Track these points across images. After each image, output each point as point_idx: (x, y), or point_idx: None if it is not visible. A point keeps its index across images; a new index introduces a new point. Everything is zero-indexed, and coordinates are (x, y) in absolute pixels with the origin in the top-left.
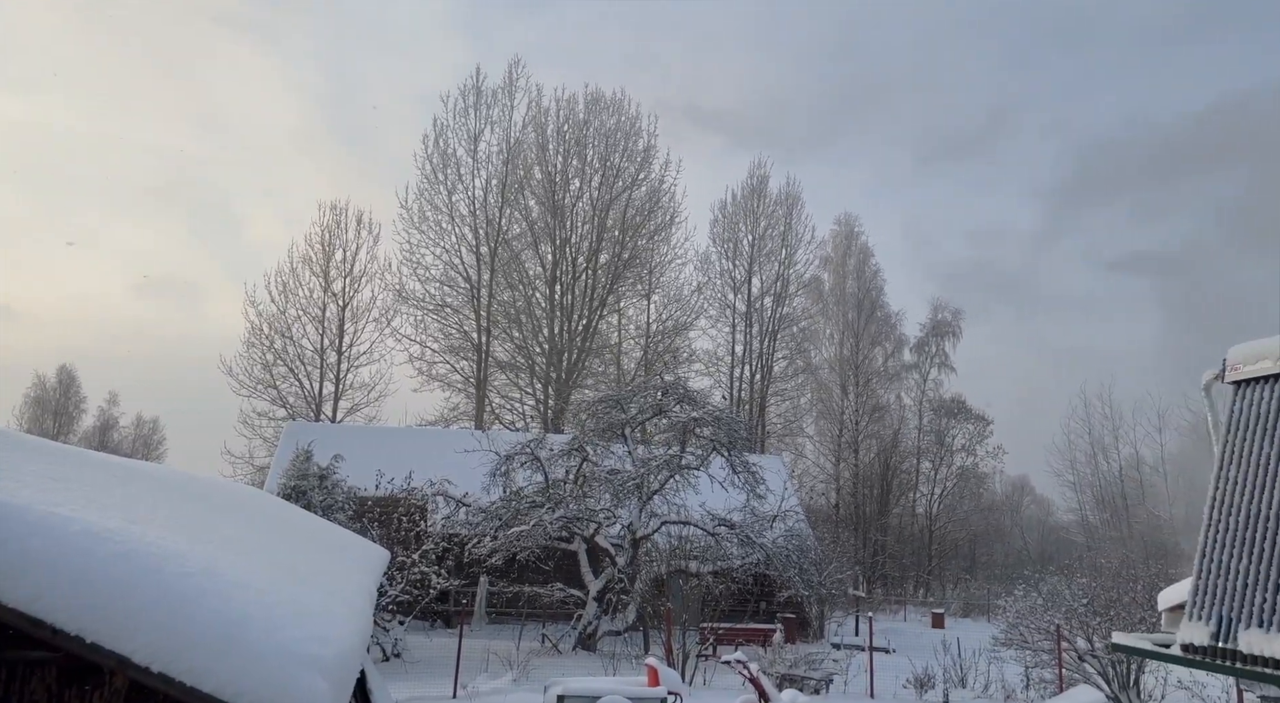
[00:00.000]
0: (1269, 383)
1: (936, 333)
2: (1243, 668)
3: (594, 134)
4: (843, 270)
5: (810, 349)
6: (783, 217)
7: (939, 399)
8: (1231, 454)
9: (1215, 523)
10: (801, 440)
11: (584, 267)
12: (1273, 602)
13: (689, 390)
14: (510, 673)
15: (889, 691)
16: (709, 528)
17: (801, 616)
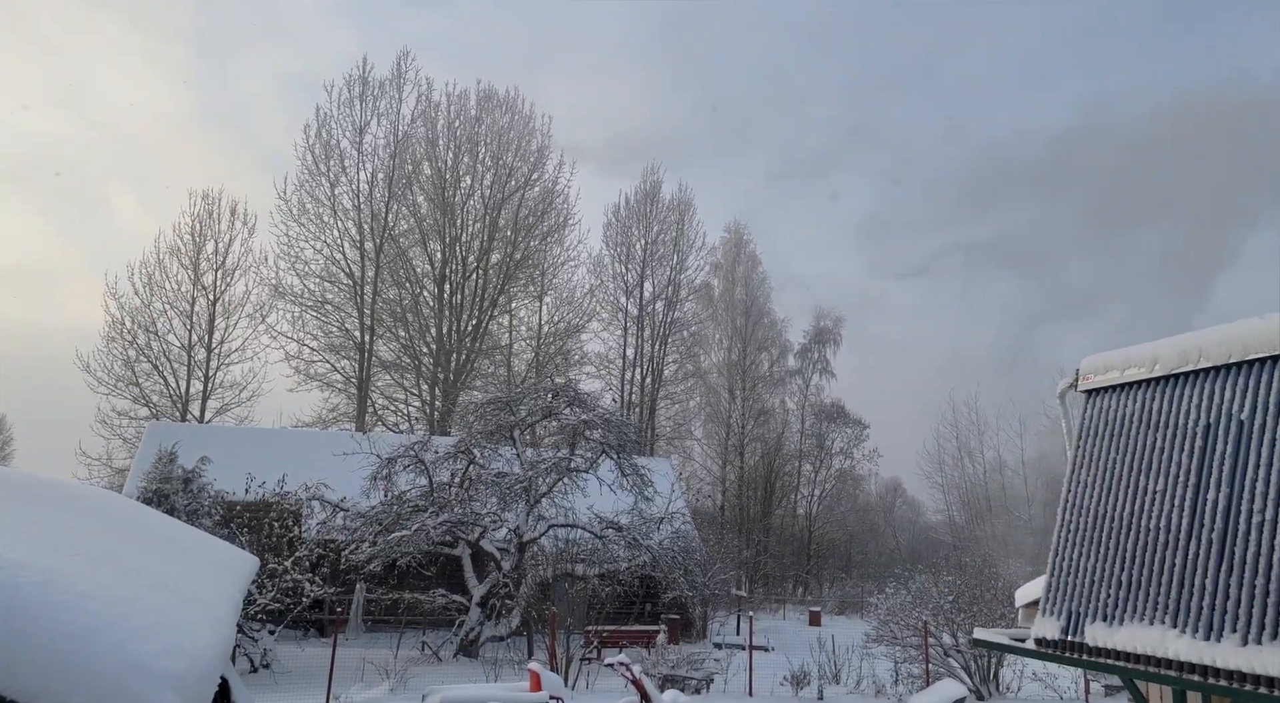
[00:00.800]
0: (1116, 392)
1: (819, 340)
2: (1088, 660)
3: (486, 132)
4: (732, 277)
5: (700, 354)
6: (675, 222)
7: (820, 404)
8: (1082, 458)
9: (1067, 524)
10: (690, 443)
11: (474, 266)
12: (1115, 597)
13: (580, 393)
14: (387, 682)
15: (767, 688)
16: (597, 531)
17: (685, 616)
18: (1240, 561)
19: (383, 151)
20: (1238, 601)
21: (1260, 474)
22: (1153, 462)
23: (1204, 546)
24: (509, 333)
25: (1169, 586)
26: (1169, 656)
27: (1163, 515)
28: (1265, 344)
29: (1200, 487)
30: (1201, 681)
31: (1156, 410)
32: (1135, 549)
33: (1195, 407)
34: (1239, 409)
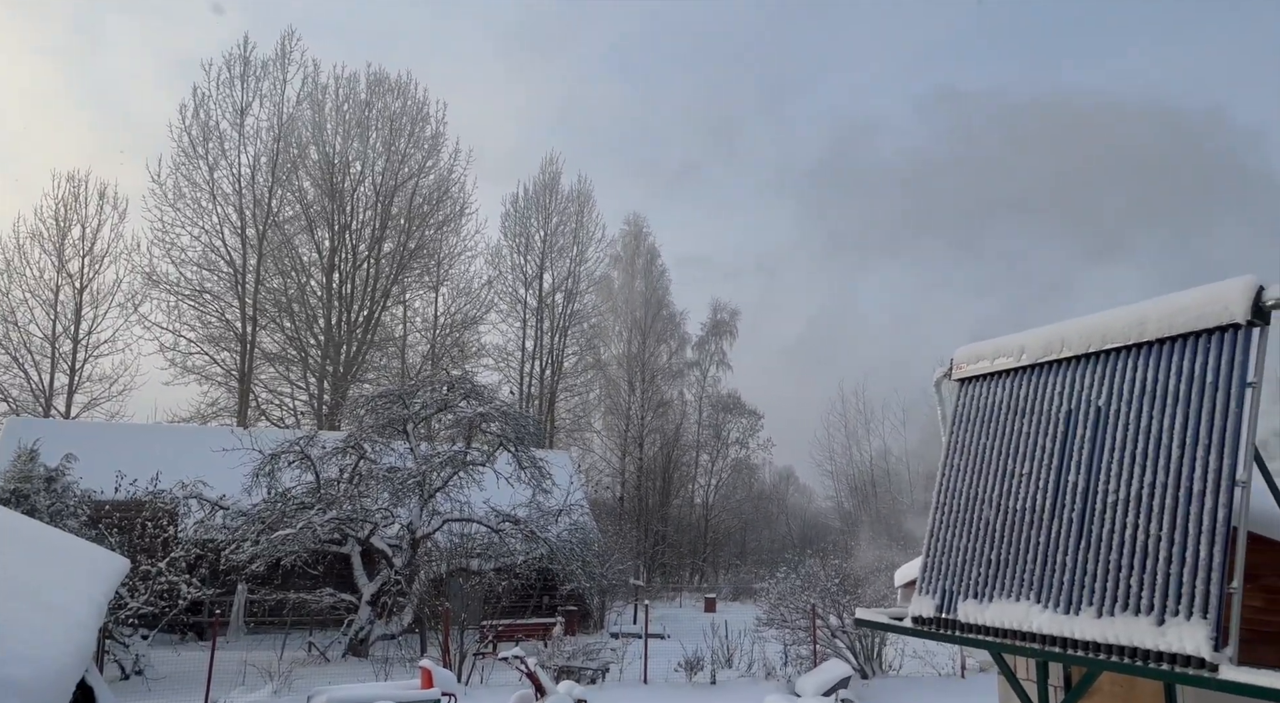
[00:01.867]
0: (986, 380)
1: (716, 332)
2: (961, 636)
3: (377, 116)
4: (632, 269)
5: (600, 346)
6: (574, 214)
7: (717, 395)
8: (955, 444)
9: (941, 506)
10: (590, 436)
11: (366, 255)
12: (985, 576)
13: (476, 385)
14: (270, 685)
15: (661, 675)
16: (493, 525)
17: (583, 608)
18: (1097, 538)
19: (266, 135)
20: (1094, 575)
21: (1115, 457)
22: (1019, 446)
23: (1065, 525)
24: (403, 325)
25: (1033, 563)
26: (1032, 629)
27: (1028, 497)
28: (1121, 335)
29: (1062, 469)
30: (1061, 652)
31: (1023, 398)
32: (1003, 529)
33: (1058, 394)
34: (1097, 396)
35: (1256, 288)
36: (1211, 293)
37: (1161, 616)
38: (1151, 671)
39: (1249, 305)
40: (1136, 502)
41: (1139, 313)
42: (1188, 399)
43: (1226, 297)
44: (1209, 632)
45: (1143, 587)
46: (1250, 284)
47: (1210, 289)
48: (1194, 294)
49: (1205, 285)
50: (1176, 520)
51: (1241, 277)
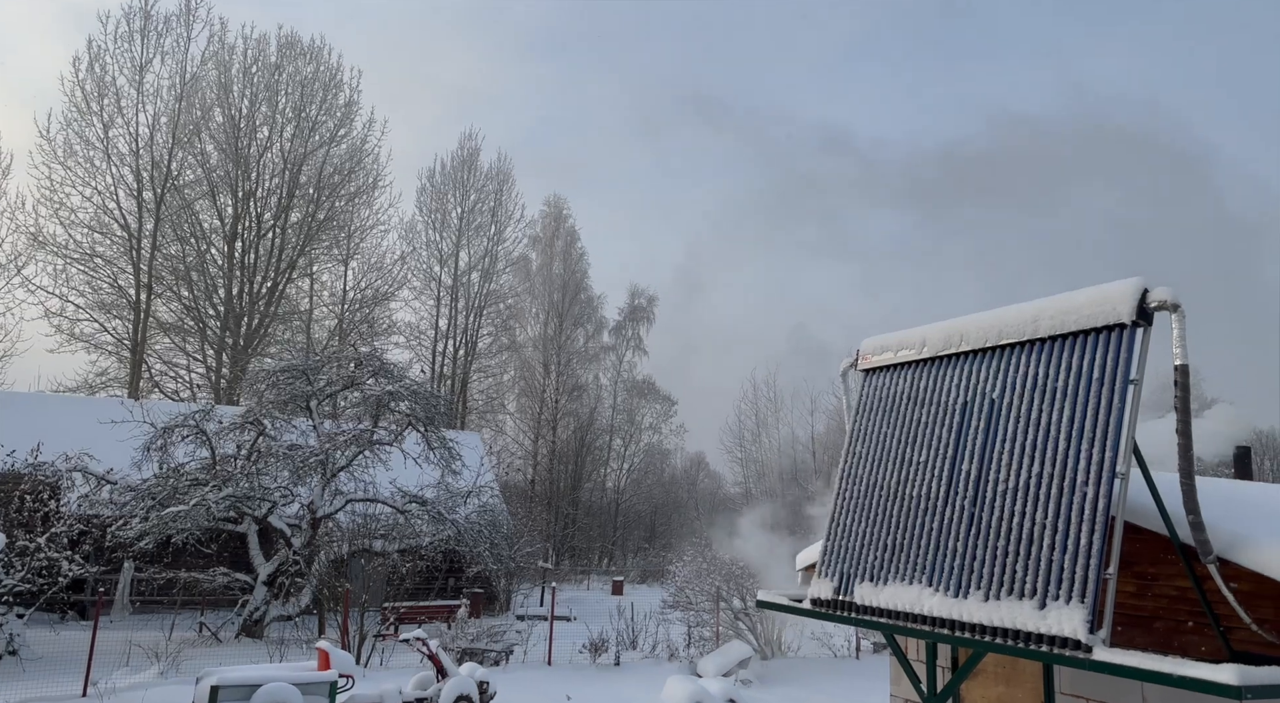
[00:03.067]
0: (890, 371)
1: (633, 318)
2: (857, 618)
3: (288, 81)
4: (551, 251)
5: (516, 327)
6: (493, 192)
7: (632, 380)
8: (858, 432)
9: (843, 492)
10: (503, 418)
11: (271, 224)
12: (881, 560)
13: (386, 363)
14: (157, 666)
15: (566, 657)
16: (399, 506)
17: (489, 590)
18: (987, 525)
19: (167, 94)
20: (983, 561)
21: (1006, 448)
22: (918, 436)
23: (957, 512)
24: (309, 298)
25: (926, 548)
26: (924, 612)
27: (924, 484)
28: (1016, 332)
29: (956, 458)
30: (950, 634)
31: (923, 389)
32: (900, 515)
33: (956, 386)
34: (992, 389)
35: (1142, 290)
36: (1101, 294)
37: (1043, 600)
38: (1032, 652)
39: (1134, 306)
40: (1024, 491)
41: (1033, 311)
42: (1075, 394)
43: (1114, 298)
44: (1085, 615)
45: (1027, 572)
46: (1136, 286)
47: (1100, 290)
48: (1085, 294)
49: (1096, 286)
50: (1060, 510)
51: (1128, 279)
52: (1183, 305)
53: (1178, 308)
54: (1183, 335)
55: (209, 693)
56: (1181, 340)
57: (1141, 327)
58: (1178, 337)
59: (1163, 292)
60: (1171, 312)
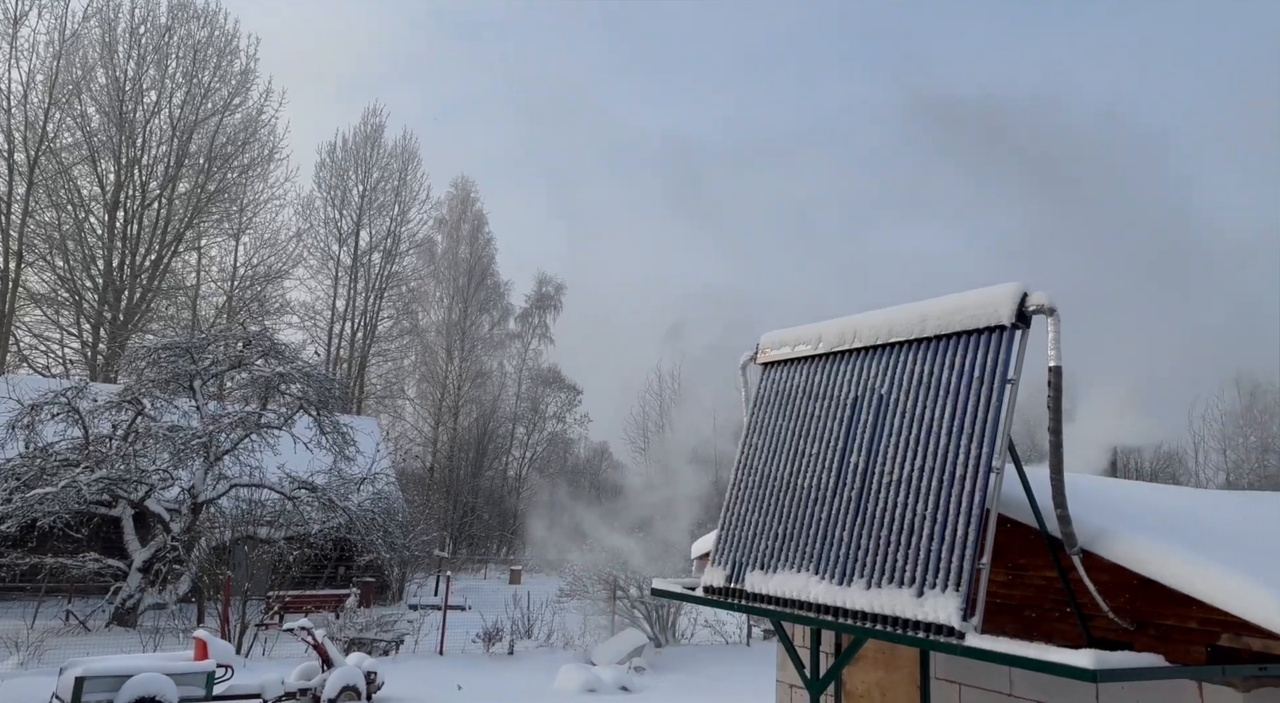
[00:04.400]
0: (787, 366)
1: (540, 306)
2: (748, 605)
3: (179, 44)
4: (457, 234)
5: (418, 311)
6: (398, 171)
7: (538, 368)
8: (755, 425)
9: (738, 483)
10: (402, 403)
11: (157, 194)
12: (772, 549)
13: (277, 343)
14: (16, 656)
15: (459, 646)
16: (287, 492)
17: (382, 579)
18: (871, 516)
19: (44, 50)
20: (867, 550)
21: (892, 442)
22: (811, 429)
23: (844, 502)
24: (196, 273)
25: (814, 538)
26: (810, 599)
27: (814, 475)
28: (905, 330)
29: (846, 451)
30: (833, 620)
31: (817, 384)
32: (791, 506)
33: (848, 381)
34: (880, 385)
35: (1021, 294)
36: (985, 296)
37: (921, 588)
38: (909, 638)
39: (1014, 309)
40: (907, 483)
41: (922, 310)
42: (957, 392)
43: (996, 300)
44: (959, 603)
45: (907, 561)
46: (1016, 290)
47: (984, 292)
48: (970, 296)
49: (980, 289)
50: (940, 502)
51: (1010, 283)
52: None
53: (1053, 312)
54: (1057, 338)
55: (73, 684)
56: (1056, 343)
57: (1020, 329)
58: (1052, 339)
59: (1040, 296)
60: (1048, 315)
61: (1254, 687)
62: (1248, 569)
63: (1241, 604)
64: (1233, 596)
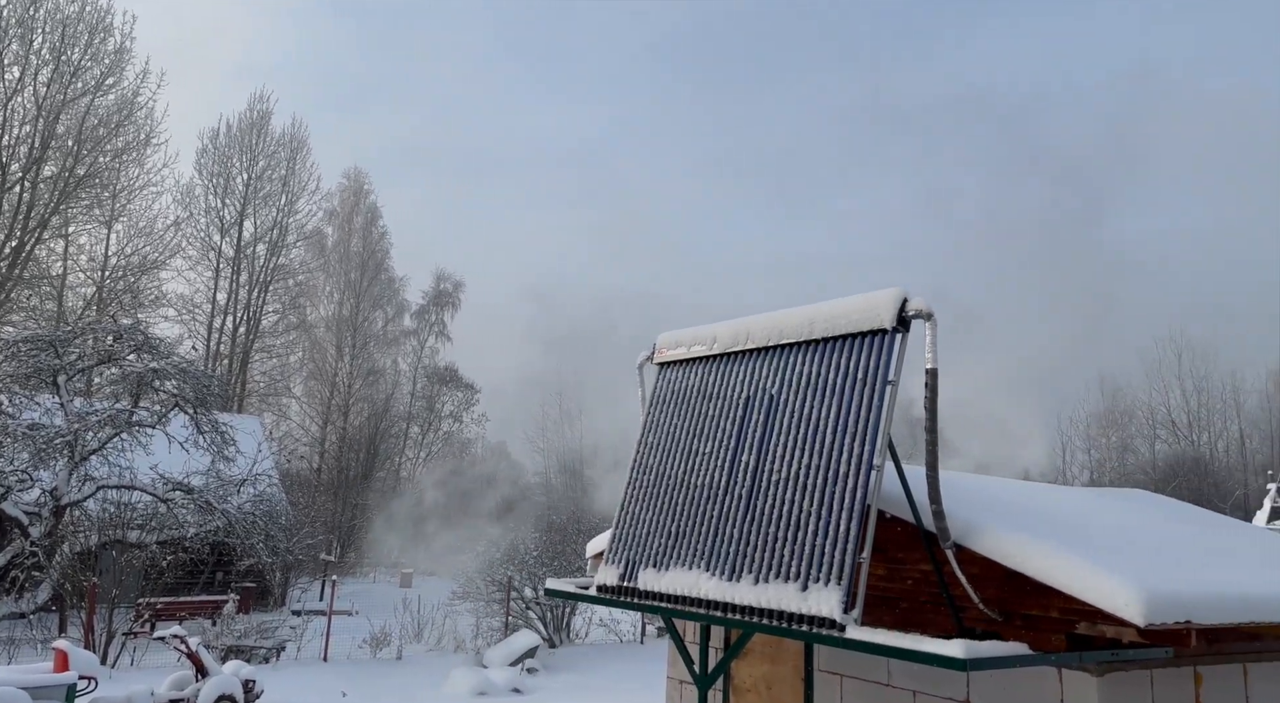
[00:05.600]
0: (683, 366)
1: (437, 302)
2: (640, 603)
3: (46, 18)
4: (349, 227)
5: (306, 305)
6: (285, 160)
7: (434, 366)
8: (651, 424)
9: (634, 482)
10: (288, 401)
11: (19, 176)
12: (665, 546)
13: (151, 338)
14: None
15: (344, 652)
16: (160, 493)
17: (263, 584)
18: (760, 513)
19: None
20: (755, 546)
21: (782, 440)
22: (704, 428)
23: (735, 500)
24: (63, 262)
25: (706, 535)
26: (700, 595)
27: (708, 474)
28: (795, 332)
29: (737, 450)
30: (722, 616)
31: (711, 384)
32: (684, 504)
33: (740, 381)
34: (772, 385)
35: (902, 299)
36: (868, 300)
37: (806, 582)
38: (794, 632)
39: (895, 313)
40: (795, 481)
41: (811, 313)
42: (842, 392)
43: (879, 305)
44: (841, 597)
45: (793, 557)
46: (898, 295)
47: (868, 297)
48: (856, 300)
49: (865, 293)
50: (824, 498)
51: (892, 288)
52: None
53: (931, 316)
54: (934, 342)
55: None
56: (933, 346)
57: (900, 332)
58: (929, 342)
59: (919, 301)
60: (926, 320)
61: (1107, 671)
62: (1103, 561)
63: (1096, 594)
64: (1088, 586)
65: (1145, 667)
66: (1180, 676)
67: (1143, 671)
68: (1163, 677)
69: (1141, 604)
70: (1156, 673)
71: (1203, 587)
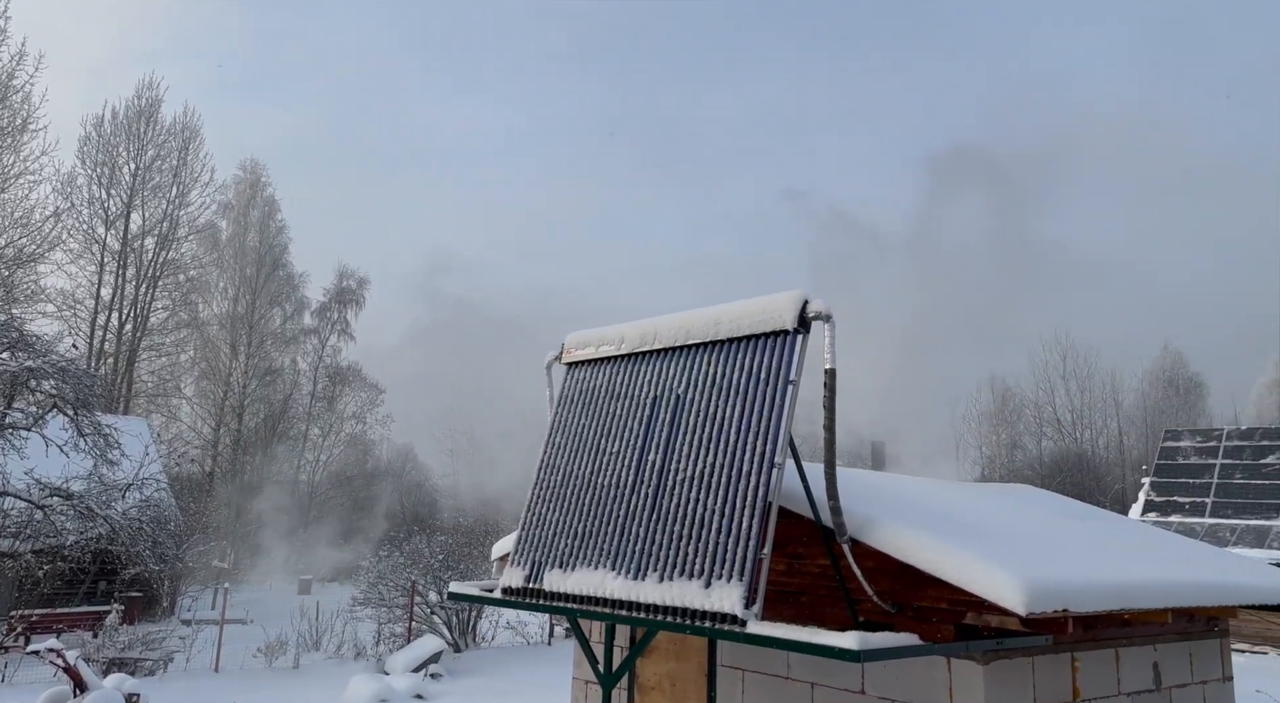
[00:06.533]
0: (591, 366)
1: (340, 300)
2: (546, 604)
3: None
4: (245, 221)
5: (199, 302)
6: (177, 149)
7: (336, 366)
8: (559, 424)
9: (540, 482)
10: (178, 402)
11: None
12: (571, 547)
13: (26, 334)
14: None
15: (237, 662)
16: (35, 499)
17: (150, 593)
18: (666, 511)
19: None
20: (660, 545)
21: (687, 439)
22: (612, 428)
23: (642, 499)
24: None
25: (612, 535)
26: (605, 595)
27: (614, 473)
28: (701, 333)
29: (644, 449)
30: (628, 614)
31: (619, 384)
32: (591, 504)
33: (648, 381)
34: (678, 385)
35: (803, 301)
36: (771, 302)
37: (709, 579)
38: (697, 628)
39: (796, 315)
40: (700, 479)
41: (716, 314)
42: (746, 392)
43: (781, 307)
44: (743, 592)
45: (697, 554)
46: (799, 297)
47: (771, 299)
48: (760, 302)
49: (769, 295)
50: (728, 496)
51: (794, 290)
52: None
53: (830, 318)
54: (833, 342)
55: None
56: (831, 346)
57: (801, 333)
58: (828, 343)
59: (819, 303)
60: (825, 321)
61: (992, 659)
62: (989, 554)
63: (982, 585)
64: (974, 578)
65: (1028, 654)
66: (1059, 662)
67: (1025, 658)
68: (1043, 663)
69: (1023, 595)
70: (1038, 660)
71: (1080, 577)
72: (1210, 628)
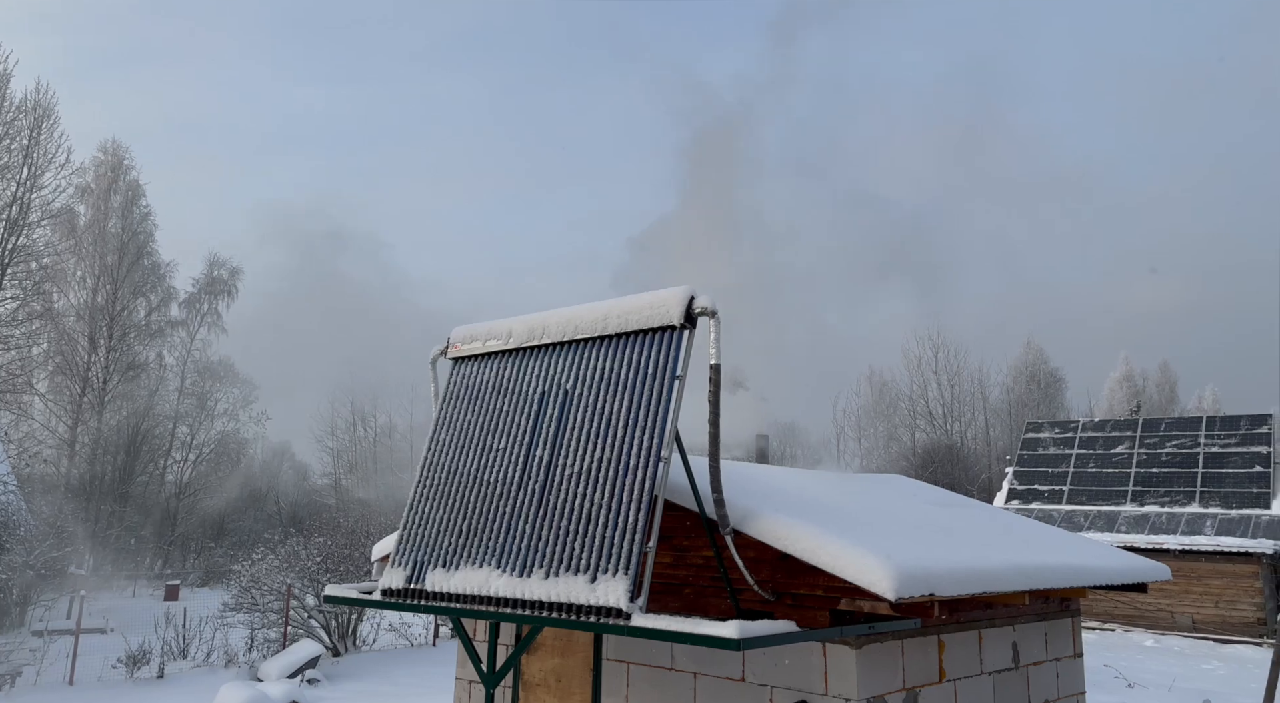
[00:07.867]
0: (478, 361)
1: (211, 291)
2: (429, 605)
3: None
4: (105, 206)
5: (53, 292)
6: (28, 128)
7: (206, 361)
8: (444, 420)
9: (424, 480)
10: (29, 398)
11: None
12: (455, 545)
13: None
14: None
15: (94, 674)
16: None
17: None
18: (553, 507)
19: None
20: (546, 541)
21: (575, 435)
22: (499, 424)
23: (528, 495)
24: None
25: (498, 532)
26: (490, 593)
27: (501, 470)
28: (589, 328)
29: (532, 445)
30: (512, 612)
31: (507, 379)
32: (476, 501)
33: (536, 376)
34: (566, 380)
35: (689, 297)
36: (659, 298)
37: (595, 574)
38: (583, 623)
39: (683, 311)
40: (587, 474)
41: (605, 310)
42: (633, 387)
43: (667, 302)
44: (628, 586)
45: (584, 549)
46: (685, 293)
47: (657, 295)
48: (648, 297)
49: (657, 291)
50: (614, 491)
51: (681, 287)
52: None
53: (715, 314)
54: (718, 338)
55: None
56: (716, 342)
57: (688, 329)
58: (713, 339)
59: (705, 299)
60: (710, 317)
61: (865, 643)
62: (862, 542)
63: (855, 572)
64: (848, 565)
65: (898, 638)
66: (927, 644)
67: (895, 641)
68: (912, 646)
69: (892, 580)
70: (907, 643)
71: (945, 563)
72: (1063, 608)
